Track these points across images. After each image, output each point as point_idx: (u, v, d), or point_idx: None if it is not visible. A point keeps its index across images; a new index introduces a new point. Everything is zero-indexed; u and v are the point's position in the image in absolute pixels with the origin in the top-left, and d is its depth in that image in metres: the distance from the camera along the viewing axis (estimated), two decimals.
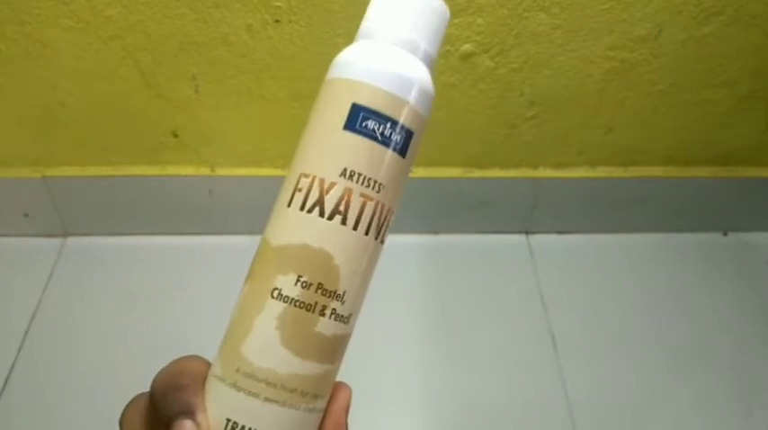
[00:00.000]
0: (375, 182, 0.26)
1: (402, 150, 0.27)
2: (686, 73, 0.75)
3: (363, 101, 0.26)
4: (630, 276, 0.88)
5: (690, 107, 0.79)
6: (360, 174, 0.26)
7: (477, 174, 0.84)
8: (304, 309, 0.25)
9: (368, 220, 0.26)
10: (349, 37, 0.30)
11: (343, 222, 0.25)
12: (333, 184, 0.25)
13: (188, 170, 0.82)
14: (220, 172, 0.82)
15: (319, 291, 0.25)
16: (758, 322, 0.84)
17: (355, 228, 0.26)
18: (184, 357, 0.26)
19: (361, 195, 0.26)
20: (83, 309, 0.80)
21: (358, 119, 0.26)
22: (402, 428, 0.73)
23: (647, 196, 0.89)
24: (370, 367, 0.77)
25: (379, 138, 0.26)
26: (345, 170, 0.25)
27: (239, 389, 0.24)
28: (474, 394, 0.75)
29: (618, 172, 0.86)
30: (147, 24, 0.66)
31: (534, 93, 0.75)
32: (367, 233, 0.26)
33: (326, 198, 0.25)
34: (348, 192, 0.25)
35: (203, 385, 0.25)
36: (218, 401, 0.24)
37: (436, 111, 0.86)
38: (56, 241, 0.87)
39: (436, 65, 0.29)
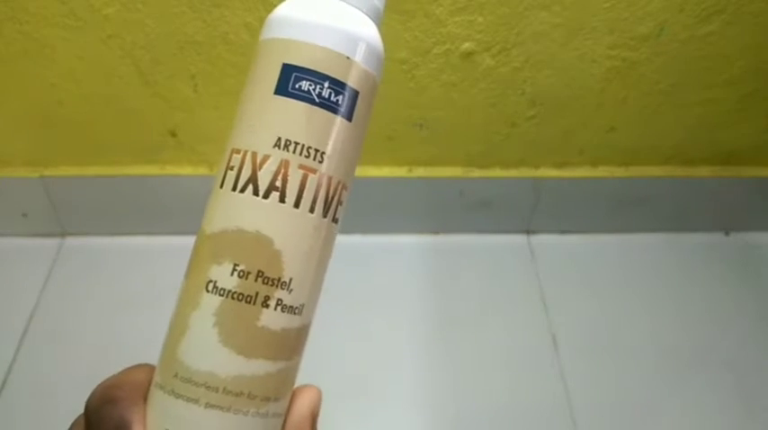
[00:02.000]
0: (316, 151, 0.23)
1: (347, 113, 0.23)
2: (688, 72, 0.74)
3: (295, 60, 0.23)
4: (632, 276, 0.87)
5: (691, 106, 0.78)
6: (297, 143, 0.22)
7: (478, 173, 0.84)
8: (244, 302, 0.22)
9: (312, 196, 0.23)
10: None
11: (282, 200, 0.22)
12: (266, 157, 0.22)
13: (186, 169, 0.81)
14: None
15: (260, 279, 0.22)
16: (760, 322, 0.83)
17: (297, 205, 0.22)
18: (129, 367, 0.23)
19: (301, 167, 0.22)
20: (81, 309, 0.80)
21: (290, 80, 0.23)
22: (402, 429, 0.72)
23: (648, 196, 0.88)
24: (370, 367, 0.76)
25: (317, 100, 0.23)
26: (279, 140, 0.22)
27: (178, 395, 0.22)
28: (474, 395, 0.75)
29: (619, 171, 0.86)
30: (145, 23, 0.66)
31: (535, 92, 0.75)
32: (312, 211, 0.23)
33: (260, 173, 0.22)
34: (284, 164, 0.22)
35: (144, 396, 0.23)
36: (157, 411, 0.22)
37: (436, 110, 0.85)
38: (54, 241, 0.86)
39: (431, 65, 0.28)
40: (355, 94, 0.23)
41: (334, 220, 0.24)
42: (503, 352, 0.79)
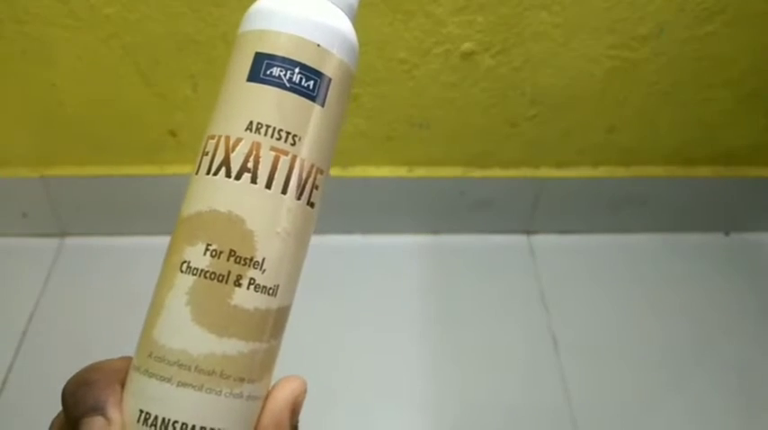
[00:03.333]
0: (288, 133, 0.23)
1: (319, 98, 0.24)
2: (688, 72, 0.74)
3: (267, 48, 0.24)
4: (632, 276, 0.87)
5: (691, 106, 0.78)
6: (268, 126, 0.23)
7: (478, 173, 0.84)
8: (216, 280, 0.22)
9: (284, 177, 0.23)
10: None
11: (254, 181, 0.23)
12: (239, 140, 0.23)
13: (186, 169, 0.81)
14: None
15: (232, 259, 0.22)
16: (760, 322, 0.83)
17: (268, 186, 0.23)
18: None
19: (273, 149, 0.23)
20: (81, 309, 0.80)
21: (261, 67, 0.23)
22: (401, 429, 0.72)
23: (648, 196, 0.88)
24: (369, 367, 0.76)
25: (287, 84, 0.23)
26: (251, 123, 0.23)
27: (151, 375, 0.22)
28: (474, 395, 0.75)
29: (619, 171, 0.86)
30: (145, 23, 0.66)
31: (535, 92, 0.75)
32: (285, 192, 0.23)
33: (232, 156, 0.23)
34: (256, 146, 0.23)
35: (120, 381, 0.23)
36: (132, 392, 0.22)
37: (436, 110, 0.85)
38: (54, 241, 0.86)
39: (429, 68, 0.28)
40: (327, 81, 0.24)
41: (310, 204, 0.24)
42: (503, 352, 0.79)
